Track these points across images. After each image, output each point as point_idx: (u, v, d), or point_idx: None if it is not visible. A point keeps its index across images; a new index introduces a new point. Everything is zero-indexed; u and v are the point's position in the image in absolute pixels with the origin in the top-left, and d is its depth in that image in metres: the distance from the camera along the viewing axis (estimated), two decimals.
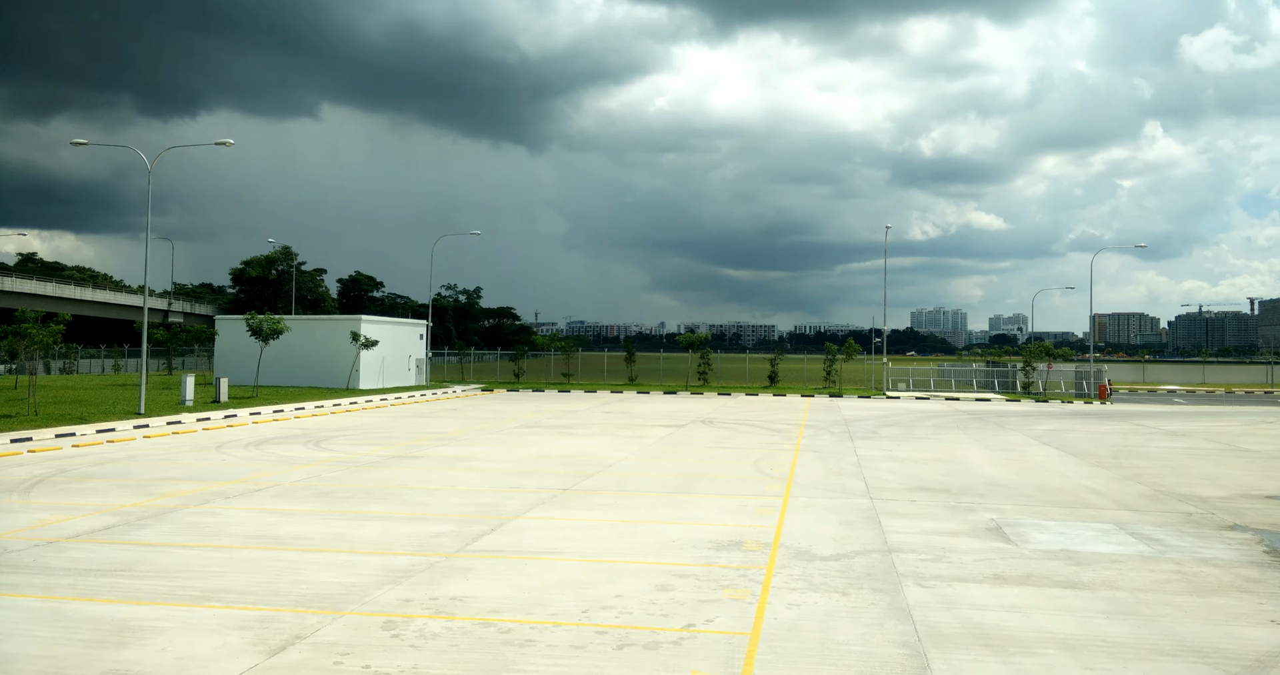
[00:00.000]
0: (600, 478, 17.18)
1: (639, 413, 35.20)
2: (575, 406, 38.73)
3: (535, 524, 12.64)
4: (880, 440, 25.12)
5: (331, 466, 18.45)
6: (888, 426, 29.79)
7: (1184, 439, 26.57)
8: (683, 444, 23.55)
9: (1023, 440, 25.62)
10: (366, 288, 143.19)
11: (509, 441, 23.86)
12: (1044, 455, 21.78)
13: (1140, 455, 21.98)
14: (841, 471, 18.38)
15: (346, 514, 13.28)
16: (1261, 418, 36.58)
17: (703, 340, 58.03)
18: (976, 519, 13.24)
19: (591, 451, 21.58)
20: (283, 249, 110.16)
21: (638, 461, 19.77)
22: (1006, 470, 18.87)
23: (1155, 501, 15.12)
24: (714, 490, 15.78)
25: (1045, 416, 36.03)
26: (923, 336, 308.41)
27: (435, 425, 28.70)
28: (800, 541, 11.54)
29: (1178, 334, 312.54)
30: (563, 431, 26.80)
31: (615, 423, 30.18)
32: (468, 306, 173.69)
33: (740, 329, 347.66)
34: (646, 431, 26.95)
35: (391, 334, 52.81)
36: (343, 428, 27.35)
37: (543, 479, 16.94)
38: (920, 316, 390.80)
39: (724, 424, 30.12)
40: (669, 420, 31.45)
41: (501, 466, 18.78)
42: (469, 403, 40.94)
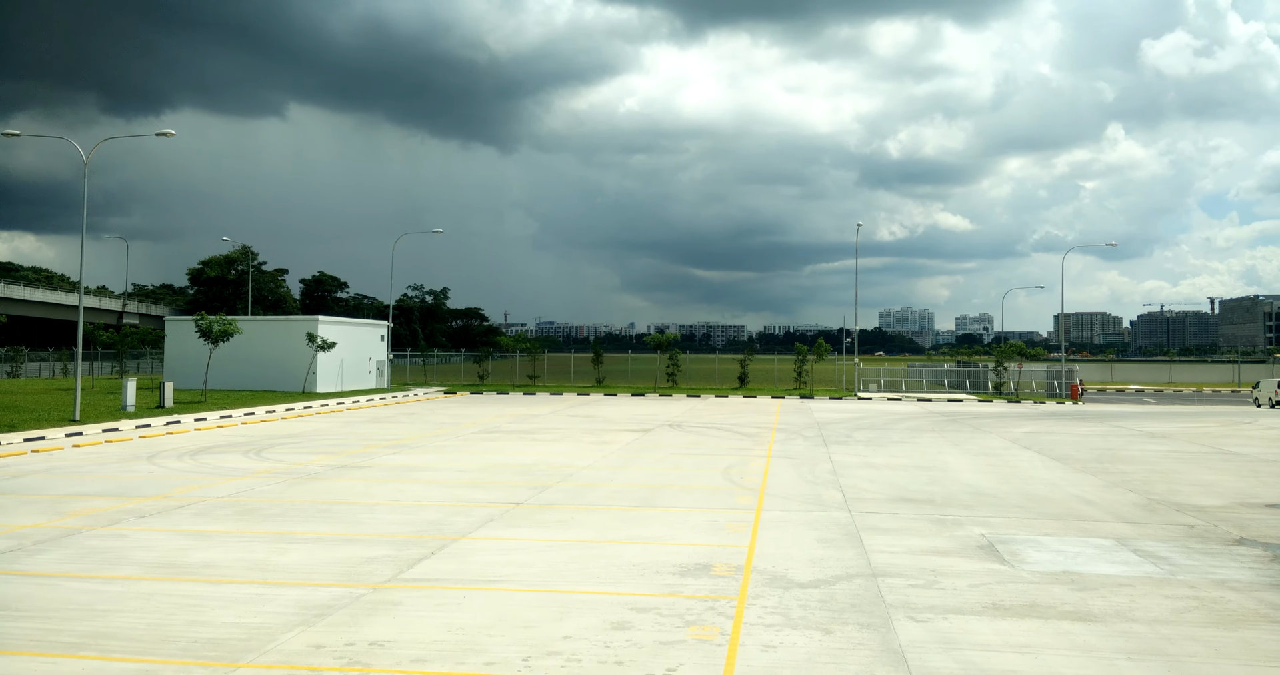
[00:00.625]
0: (558, 489, 15.92)
1: (605, 416, 33.96)
2: (539, 410, 37.40)
3: (481, 545, 11.35)
4: (855, 444, 24.07)
5: (268, 478, 17.02)
6: (862, 430, 28.79)
7: (1165, 441, 25.80)
8: (649, 450, 22.34)
9: (1001, 443, 24.70)
10: (330, 288, 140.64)
11: (465, 449, 22.52)
12: (1026, 460, 20.83)
13: (1125, 459, 21.10)
14: (817, 480, 17.26)
15: (272, 535, 11.91)
16: (1237, 418, 36.08)
17: (671, 341, 56.88)
18: (966, 535, 12.14)
19: (552, 459, 20.31)
20: (242, 248, 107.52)
21: (600, 470, 18.53)
22: (990, 478, 17.85)
23: (1152, 512, 14.14)
24: (680, 503, 14.58)
25: (1020, 418, 35.27)
26: (891, 336, 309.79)
27: (390, 431, 27.26)
28: (775, 564, 10.36)
29: (1140, 333, 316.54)
30: (523, 437, 25.49)
31: (579, 427, 28.91)
32: (434, 307, 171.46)
33: (710, 329, 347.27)
34: (611, 436, 25.71)
35: (350, 335, 51.13)
36: (291, 434, 25.84)
37: (496, 491, 15.65)
38: (888, 316, 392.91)
39: (693, 428, 28.96)
40: (636, 424, 30.23)
41: (453, 477, 17.45)
42: (429, 406, 39.46)
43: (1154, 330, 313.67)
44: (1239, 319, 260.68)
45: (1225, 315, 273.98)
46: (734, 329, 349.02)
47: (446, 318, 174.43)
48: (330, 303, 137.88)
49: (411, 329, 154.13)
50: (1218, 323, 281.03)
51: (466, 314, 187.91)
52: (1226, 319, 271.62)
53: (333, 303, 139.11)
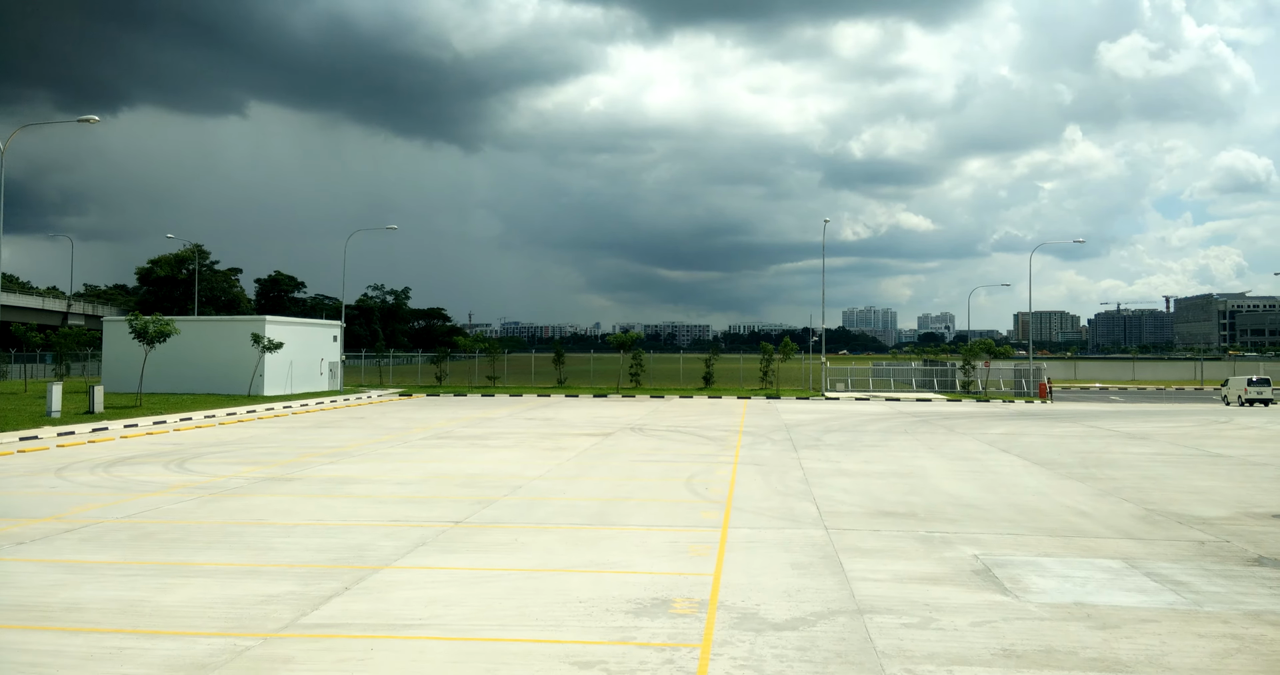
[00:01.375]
0: (504, 504, 14.38)
1: (563, 419, 32.41)
2: (496, 412, 35.76)
3: (405, 577, 9.80)
4: (826, 449, 22.78)
5: (182, 494, 15.29)
6: (831, 432, 27.53)
7: (1147, 443, 24.81)
8: (607, 457, 20.86)
9: (978, 447, 23.55)
10: (287, 288, 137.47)
11: (410, 457, 20.87)
12: (1008, 466, 19.63)
13: (1111, 464, 19.99)
14: (787, 490, 15.88)
15: (162, 568, 10.26)
16: (1211, 417, 35.42)
17: (634, 340, 55.41)
18: (957, 557, 10.80)
19: (501, 469, 18.75)
20: (193, 247, 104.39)
21: (553, 481, 17.00)
22: (973, 486, 16.59)
23: (1154, 525, 12.92)
24: (639, 519, 13.11)
25: (992, 418, 34.27)
26: (854, 335, 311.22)
27: (333, 437, 25.50)
28: (745, 598, 8.93)
29: (1097, 331, 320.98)
30: (474, 443, 23.88)
31: (535, 432, 27.34)
32: (395, 308, 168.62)
33: (675, 329, 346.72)
34: (569, 442, 24.19)
35: (300, 336, 49.07)
36: (224, 442, 24.01)
37: (435, 507, 14.07)
38: (852, 315, 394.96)
39: (655, 431, 27.52)
40: (595, 428, 28.72)
41: (390, 491, 15.83)
42: (380, 409, 37.63)
43: (1111, 328, 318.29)
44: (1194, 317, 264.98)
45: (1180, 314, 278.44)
46: (699, 329, 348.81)
47: (408, 318, 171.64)
48: (287, 303, 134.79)
49: (372, 329, 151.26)
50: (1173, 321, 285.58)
51: (429, 314, 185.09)
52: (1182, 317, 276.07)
53: (290, 303, 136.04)
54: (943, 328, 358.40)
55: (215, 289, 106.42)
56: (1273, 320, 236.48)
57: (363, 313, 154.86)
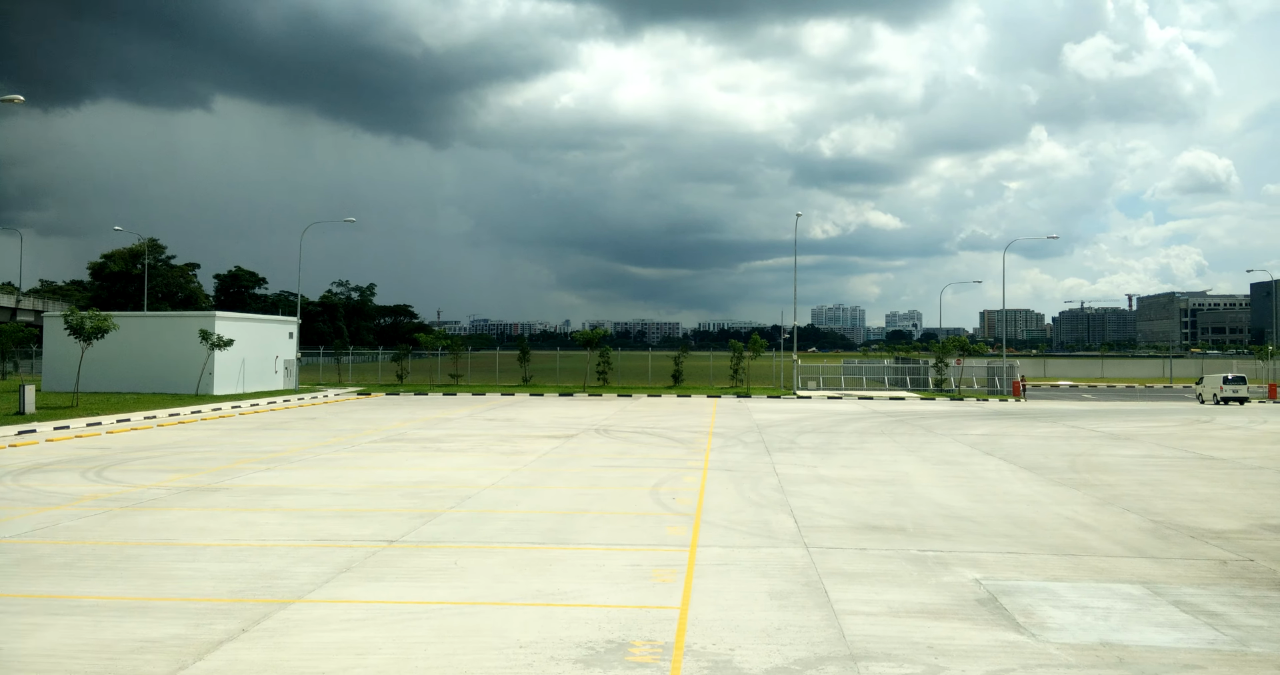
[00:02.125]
0: (448, 519, 12.91)
1: (525, 420, 30.92)
2: (455, 412, 34.17)
3: (318, 614, 8.32)
4: (800, 451, 21.51)
5: (88, 508, 13.66)
6: (806, 433, 26.29)
7: (1134, 445, 23.81)
8: (568, 462, 19.43)
9: (960, 449, 22.40)
10: (248, 284, 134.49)
11: (355, 462, 19.32)
12: (995, 471, 18.46)
13: (1103, 468, 18.89)
14: (762, 500, 14.56)
15: (34, 602, 8.71)
16: (1192, 416, 34.68)
17: (601, 337, 53.95)
18: (957, 582, 9.52)
19: (452, 476, 17.26)
20: (148, 241, 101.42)
21: (506, 491, 15.55)
22: (961, 495, 15.36)
23: (1166, 541, 11.73)
24: (598, 536, 11.71)
25: (970, 418, 33.26)
26: (823, 333, 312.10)
27: (277, 440, 23.83)
28: (717, 639, 7.56)
29: (1061, 329, 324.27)
30: (427, 447, 22.34)
31: (494, 434, 25.83)
32: (360, 304, 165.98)
33: (645, 326, 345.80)
34: (528, 445, 22.72)
35: (254, 333, 47.10)
36: (156, 446, 22.29)
37: (370, 523, 12.58)
38: (820, 313, 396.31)
39: (621, 433, 26.12)
40: (558, 429, 27.27)
41: (324, 502, 14.30)
42: (334, 409, 35.89)
43: (1075, 326, 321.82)
44: (1156, 315, 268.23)
45: (1143, 312, 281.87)
46: (669, 326, 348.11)
47: (373, 315, 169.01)
48: (248, 299, 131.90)
49: (336, 326, 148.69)
50: (1136, 319, 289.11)
51: (395, 311, 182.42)
52: (1144, 315, 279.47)
53: (251, 299, 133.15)
54: (910, 325, 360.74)
55: (172, 285, 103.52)
56: (1233, 318, 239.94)
57: (326, 309, 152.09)
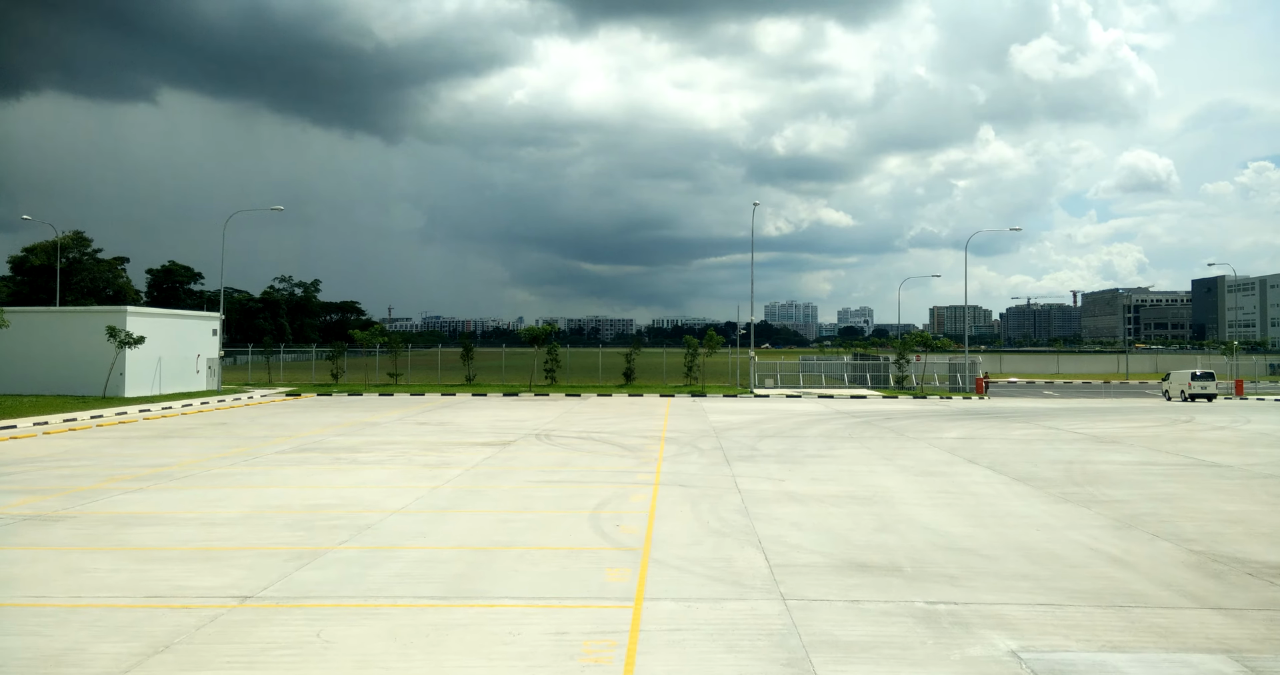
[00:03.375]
0: (334, 559, 10.28)
1: (461, 424, 28.20)
2: (385, 415, 31.32)
3: None
4: (764, 461, 19.16)
5: None
6: (767, 438, 23.97)
7: (1123, 449, 21.86)
8: (499, 477, 16.83)
9: (939, 456, 20.23)
10: (182, 279, 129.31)
11: (248, 479, 16.52)
12: (985, 483, 16.24)
13: (1102, 479, 16.78)
14: (724, 527, 12.13)
15: None
16: (1167, 415, 33.12)
17: (549, 333, 51.20)
18: (988, 655, 7.15)
19: (358, 496, 14.58)
20: (73, 234, 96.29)
21: (416, 517, 12.92)
22: (956, 516, 13.08)
23: (1222, 581, 9.52)
24: (516, 587, 9.17)
25: (939, 418, 31.26)
26: (776, 329, 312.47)
27: (169, 451, 20.87)
28: None
29: (1009, 325, 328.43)
30: (340, 459, 19.57)
31: (422, 441, 23.11)
32: (305, 300, 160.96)
33: (599, 323, 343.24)
34: (457, 455, 20.07)
35: (171, 329, 43.62)
36: (27, 459, 19.25)
37: (230, 567, 9.89)
38: (774, 310, 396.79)
39: (564, 439, 23.57)
40: (495, 434, 24.62)
41: (185, 536, 11.55)
42: (253, 413, 32.78)
43: (1021, 322, 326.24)
44: (1100, 311, 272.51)
45: (1087, 308, 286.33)
46: (623, 323, 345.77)
47: (318, 311, 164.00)
48: (183, 295, 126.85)
49: (278, 323, 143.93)
50: (1081, 314, 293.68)
51: (341, 308, 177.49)
52: (1089, 311, 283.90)
53: (185, 295, 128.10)
54: (862, 322, 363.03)
55: (98, 279, 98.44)
56: (1175, 314, 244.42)
57: (268, 306, 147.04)
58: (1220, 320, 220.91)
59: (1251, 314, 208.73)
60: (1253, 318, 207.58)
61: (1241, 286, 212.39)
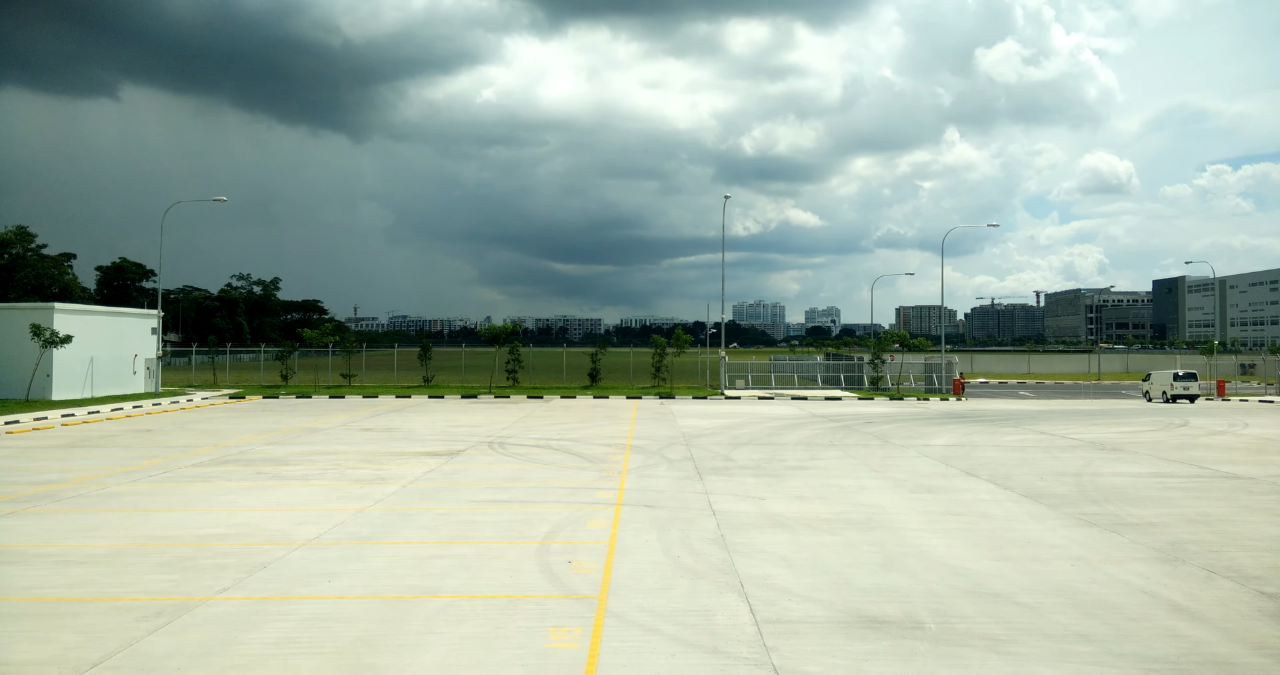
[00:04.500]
0: (202, 617, 8.06)
1: (409, 430, 25.92)
2: (329, 420, 28.93)
3: None
4: (740, 474, 17.14)
5: None
6: (742, 446, 21.97)
7: (1129, 458, 20.10)
8: (439, 495, 14.64)
9: (931, 467, 18.33)
10: (134, 277, 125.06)
11: (143, 500, 14.19)
12: (992, 501, 14.32)
13: (1121, 495, 14.93)
14: (698, 564, 10.06)
15: None
16: (1161, 418, 31.60)
17: (509, 332, 48.88)
18: None
19: (264, 523, 12.33)
20: (16, 229, 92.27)
21: (328, 552, 10.71)
22: (971, 545, 11.10)
23: None
24: (424, 664, 7.03)
25: (921, 422, 29.47)
26: (744, 329, 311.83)
27: (71, 464, 18.43)
28: None
29: (973, 324, 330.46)
30: (261, 473, 17.26)
31: (361, 450, 20.83)
32: (264, 299, 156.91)
33: (567, 323, 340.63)
34: (396, 468, 17.84)
35: (104, 328, 40.78)
36: None
37: (59, 632, 7.64)
38: (741, 309, 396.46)
39: (519, 448, 21.40)
40: (444, 442, 22.40)
41: (28, 581, 9.27)
42: (184, 418, 30.22)
43: (985, 322, 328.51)
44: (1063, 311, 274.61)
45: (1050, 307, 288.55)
46: (591, 322, 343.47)
47: (278, 310, 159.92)
48: (134, 293, 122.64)
49: (236, 322, 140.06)
50: (1044, 314, 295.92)
51: (303, 306, 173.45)
52: (1051, 311, 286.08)
53: (137, 293, 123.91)
54: (829, 322, 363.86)
55: (42, 276, 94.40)
56: (1135, 314, 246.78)
57: (225, 304, 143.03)
58: (1180, 320, 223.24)
59: (1211, 314, 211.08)
60: (1212, 318, 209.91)
61: (1201, 287, 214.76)
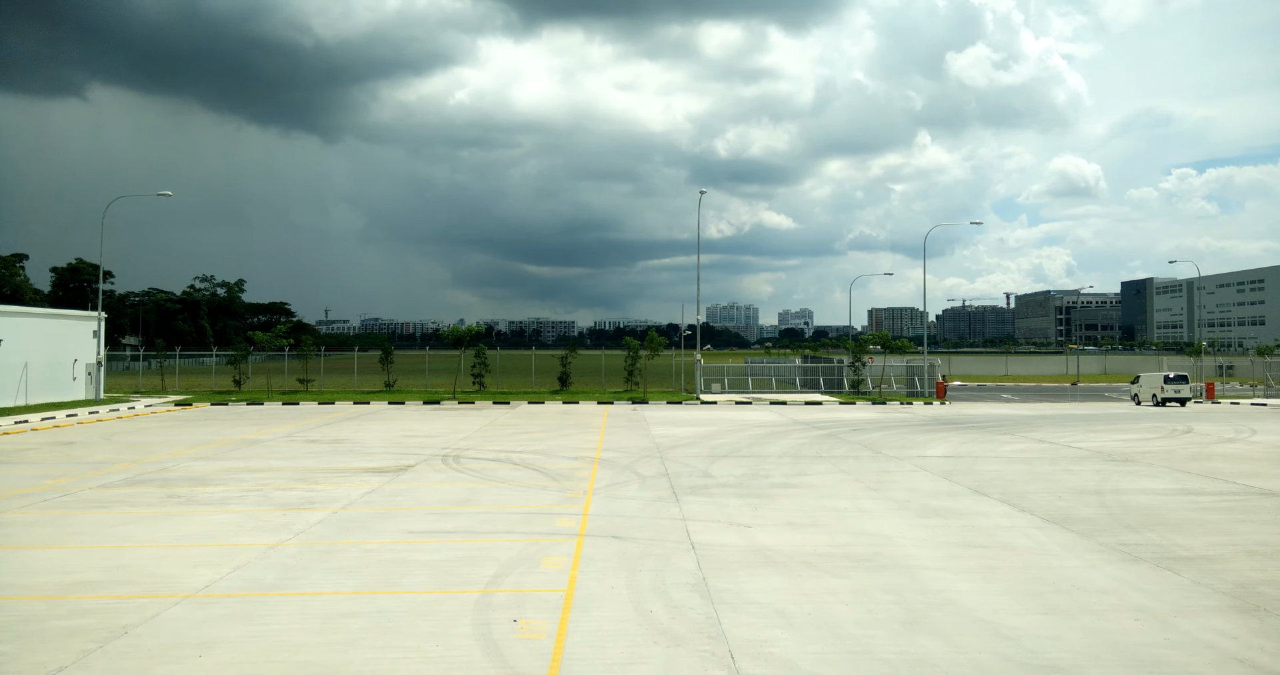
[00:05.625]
0: None
1: (359, 441, 23.73)
2: (274, 430, 26.64)
3: None
4: (721, 493, 15.17)
5: None
6: (721, 459, 20.01)
7: (1148, 472, 18.35)
8: (372, 525, 12.54)
9: (934, 483, 16.45)
10: (90, 278, 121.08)
11: (18, 533, 11.98)
12: (1011, 527, 12.42)
13: (1156, 519, 13.08)
14: (675, 623, 8.05)
15: None
16: (1161, 424, 30.03)
17: (475, 334, 46.61)
18: None
19: (152, 564, 10.18)
20: None
21: (213, 607, 8.59)
22: (1006, 591, 9.17)
23: None
24: None
25: (910, 430, 27.66)
26: (718, 331, 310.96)
27: None
28: None
29: (944, 326, 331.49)
30: (177, 495, 15.05)
31: (297, 467, 18.63)
32: (228, 301, 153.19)
33: (540, 325, 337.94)
34: (331, 489, 15.69)
35: (40, 331, 38.16)
36: None
37: None
38: (715, 311, 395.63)
39: (476, 462, 19.31)
40: (393, 456, 20.26)
41: None
42: (116, 429, 27.79)
43: (957, 323, 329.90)
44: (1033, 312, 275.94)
45: (1020, 309, 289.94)
46: (564, 325, 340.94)
47: (243, 313, 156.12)
48: (91, 295, 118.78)
49: (199, 325, 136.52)
50: (1014, 316, 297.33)
51: (270, 308, 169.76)
52: (1022, 312, 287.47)
53: (94, 295, 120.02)
54: (802, 323, 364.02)
55: None
56: (1104, 315, 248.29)
57: (188, 306, 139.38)
58: (1149, 321, 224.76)
59: (1179, 315, 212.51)
60: (1180, 319, 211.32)
61: (1169, 289, 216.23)
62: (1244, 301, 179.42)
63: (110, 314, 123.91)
